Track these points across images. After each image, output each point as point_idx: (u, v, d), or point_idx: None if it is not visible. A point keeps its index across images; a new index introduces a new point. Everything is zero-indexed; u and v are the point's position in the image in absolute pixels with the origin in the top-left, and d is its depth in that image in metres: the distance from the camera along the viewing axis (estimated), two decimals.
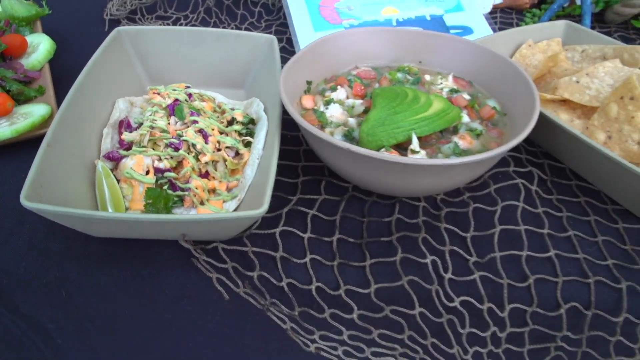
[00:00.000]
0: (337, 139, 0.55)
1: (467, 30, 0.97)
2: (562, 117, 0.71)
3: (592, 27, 1.03)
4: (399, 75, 0.73)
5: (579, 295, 0.57)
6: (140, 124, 0.68)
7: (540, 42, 0.85)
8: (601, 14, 1.06)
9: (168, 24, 1.02)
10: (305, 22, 0.95)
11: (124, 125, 0.69)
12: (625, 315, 0.56)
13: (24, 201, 0.50)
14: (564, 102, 0.72)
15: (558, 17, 1.07)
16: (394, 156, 0.53)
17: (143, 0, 1.04)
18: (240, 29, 1.02)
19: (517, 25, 1.06)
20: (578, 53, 0.84)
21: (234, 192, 0.62)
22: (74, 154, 0.61)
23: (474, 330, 0.55)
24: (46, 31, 0.91)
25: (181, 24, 1.02)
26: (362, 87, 0.70)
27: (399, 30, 0.76)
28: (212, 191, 0.62)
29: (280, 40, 0.98)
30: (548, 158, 0.72)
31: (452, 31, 0.96)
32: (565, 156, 0.71)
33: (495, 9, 1.10)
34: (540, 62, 0.82)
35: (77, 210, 0.51)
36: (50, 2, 0.97)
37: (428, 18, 0.98)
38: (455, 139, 0.62)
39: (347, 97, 0.68)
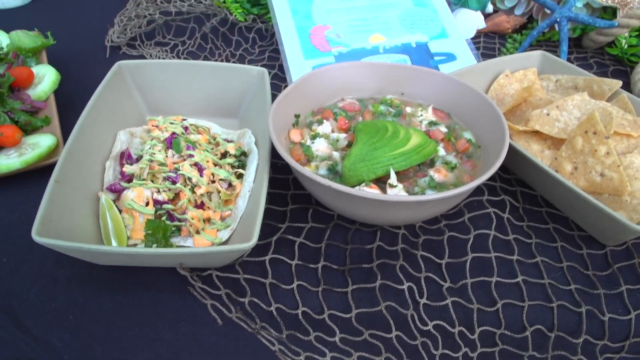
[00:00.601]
0: (321, 176, 0.60)
1: (450, 57, 1.02)
2: (534, 148, 0.76)
3: (570, 52, 1.09)
4: (382, 107, 0.78)
5: (543, 318, 0.62)
6: (141, 156, 0.73)
7: (517, 72, 0.90)
8: (579, 39, 1.12)
9: (166, 50, 1.07)
10: (296, 50, 1.00)
11: (125, 156, 0.74)
12: (584, 336, 0.61)
13: (36, 237, 0.56)
14: (536, 133, 0.77)
15: (538, 42, 1.13)
16: (371, 193, 0.58)
17: (142, 28, 1.09)
18: (234, 55, 1.07)
19: (499, 49, 1.11)
20: (552, 82, 0.89)
21: (227, 222, 0.67)
22: (80, 187, 0.66)
23: (446, 351, 0.61)
24: (50, 60, 0.96)
25: (178, 50, 1.07)
26: (346, 121, 0.75)
27: (382, 65, 0.81)
28: (207, 220, 0.68)
29: (272, 67, 1.04)
30: (521, 185, 0.77)
31: (436, 58, 1.01)
32: (536, 185, 0.76)
33: (479, 34, 1.15)
34: (517, 91, 0.88)
35: (84, 245, 0.56)
36: (54, 31, 1.02)
37: (413, 45, 1.03)
38: (431, 172, 0.67)
39: (332, 131, 0.74)
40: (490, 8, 1.17)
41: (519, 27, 1.15)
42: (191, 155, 0.70)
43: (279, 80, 1.00)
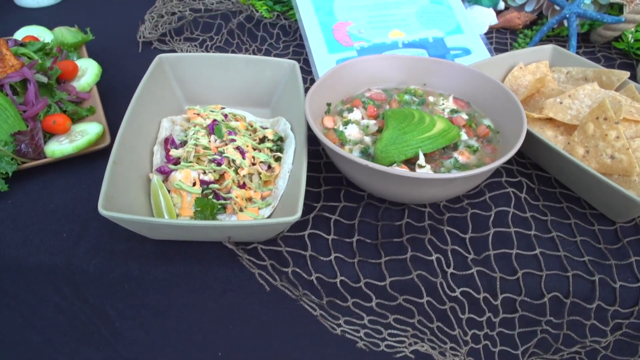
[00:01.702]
0: (357, 156, 0.66)
1: (465, 51, 1.08)
2: (548, 134, 0.82)
3: (578, 47, 1.15)
4: (406, 97, 0.84)
5: (559, 286, 0.68)
6: (184, 142, 0.79)
7: (530, 65, 0.96)
8: (587, 34, 1.17)
9: (195, 45, 1.13)
10: (320, 44, 1.06)
11: (170, 142, 0.80)
12: (597, 302, 0.67)
13: (102, 210, 0.62)
14: (550, 120, 0.83)
15: (548, 37, 1.18)
16: (404, 171, 0.64)
17: (172, 24, 1.15)
18: (260, 50, 1.13)
19: (511, 44, 1.17)
20: (563, 74, 0.95)
21: (268, 201, 0.73)
22: (133, 168, 0.72)
23: (472, 315, 0.67)
24: (90, 55, 1.02)
25: (207, 45, 1.13)
26: (375, 109, 0.81)
27: (406, 58, 0.87)
28: (249, 200, 0.73)
29: (298, 61, 1.09)
30: (536, 169, 0.83)
31: (452, 52, 1.07)
32: (551, 168, 0.82)
33: (491, 29, 1.21)
34: (530, 82, 0.93)
35: (144, 217, 0.62)
36: (92, 31, 1.08)
37: (430, 40, 1.09)
38: (455, 154, 0.73)
39: (362, 118, 0.80)
40: (501, 5, 1.23)
41: (529, 23, 1.21)
42: (233, 140, 0.76)
43: (304, 73, 1.06)
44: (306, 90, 0.97)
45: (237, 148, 0.75)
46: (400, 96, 0.84)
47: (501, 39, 1.19)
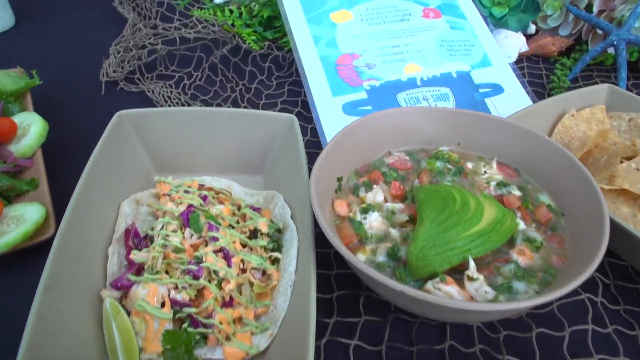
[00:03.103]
0: (380, 265, 0.49)
1: (497, 88, 0.89)
2: (623, 211, 0.63)
3: (627, 78, 0.96)
4: (438, 164, 0.65)
5: None
6: (149, 236, 0.59)
7: (582, 111, 0.77)
8: (636, 63, 0.99)
9: (170, 85, 0.93)
10: (321, 85, 0.87)
11: (132, 235, 0.60)
12: None
13: None
14: (623, 192, 0.65)
15: (587, 66, 1.00)
16: (458, 302, 0.45)
17: (142, 59, 0.95)
18: (249, 89, 0.93)
19: (546, 76, 0.99)
20: (625, 122, 0.77)
21: (264, 323, 0.54)
22: (77, 288, 0.52)
23: None
24: (37, 101, 0.82)
25: (184, 85, 0.94)
26: (400, 186, 0.62)
27: (433, 111, 0.68)
28: (238, 320, 0.54)
29: (294, 104, 0.90)
30: (607, 254, 0.65)
31: (481, 90, 0.89)
32: (626, 254, 0.64)
33: (520, 57, 1.03)
34: (585, 133, 0.75)
35: None
36: (40, 63, 0.88)
37: (454, 75, 0.90)
38: (514, 254, 0.54)
39: (385, 200, 0.61)
40: (532, 28, 1.04)
41: (565, 49, 1.03)
42: (215, 239, 0.56)
43: (304, 120, 0.87)
44: (307, 144, 0.78)
45: (221, 250, 0.56)
46: (430, 163, 0.65)
47: (534, 69, 1.01)
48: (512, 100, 0.88)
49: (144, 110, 0.70)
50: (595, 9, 0.98)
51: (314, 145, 0.82)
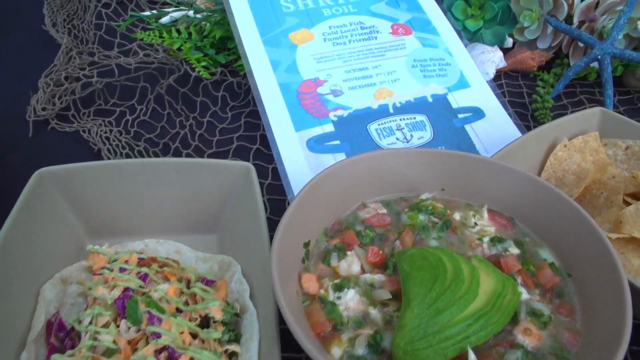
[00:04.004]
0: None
1: (477, 112, 0.81)
2: (635, 264, 0.55)
3: (613, 94, 0.89)
4: (422, 217, 0.56)
5: None
6: (76, 331, 0.48)
7: (575, 139, 0.69)
8: (620, 77, 0.92)
9: (110, 122, 0.81)
10: (282, 118, 0.77)
11: (55, 328, 0.49)
12: None
13: None
14: (633, 240, 0.57)
15: (571, 82, 0.93)
16: None
17: (76, 94, 0.83)
18: (201, 124, 0.82)
19: (528, 94, 0.91)
20: (621, 150, 0.69)
21: None
22: None
23: None
24: None
25: (127, 121, 0.82)
26: (380, 251, 0.52)
27: (412, 152, 0.59)
28: None
29: (252, 140, 0.80)
30: None
31: (460, 115, 0.80)
32: None
33: (498, 73, 0.94)
34: (579, 166, 0.67)
35: None
36: None
37: (430, 99, 0.81)
38: (519, 336, 0.46)
39: (362, 270, 0.51)
40: (509, 42, 0.96)
41: (545, 63, 0.95)
42: (156, 335, 0.45)
43: (264, 159, 0.76)
44: (268, 189, 0.68)
45: (165, 349, 0.45)
46: (412, 218, 0.56)
47: (513, 86, 0.93)
48: (494, 125, 0.80)
49: (70, 166, 0.59)
50: (575, 20, 0.91)
51: (275, 190, 0.72)
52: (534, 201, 0.56)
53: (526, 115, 0.86)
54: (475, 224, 0.56)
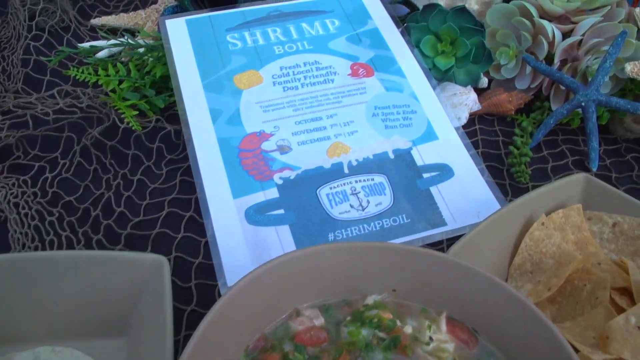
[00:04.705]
0: None
1: (445, 171, 0.71)
2: None
3: (599, 144, 0.80)
4: (364, 332, 0.46)
5: None
6: None
7: (554, 214, 0.60)
8: (606, 125, 0.83)
9: (25, 182, 0.71)
10: (219, 182, 0.66)
11: None
12: None
13: None
14: None
15: (552, 129, 0.83)
16: None
17: None
18: (130, 183, 0.72)
19: (504, 143, 0.81)
20: (608, 227, 0.60)
21: None
22: None
23: None
24: None
25: (46, 179, 0.71)
26: None
27: (359, 248, 0.49)
28: None
29: (186, 205, 0.70)
30: None
31: (425, 175, 0.70)
32: None
33: (472, 116, 0.85)
34: (561, 249, 0.58)
35: None
36: None
37: (391, 156, 0.71)
38: None
39: None
40: (484, 81, 0.87)
41: (523, 106, 0.85)
42: None
43: (197, 231, 0.66)
44: (197, 271, 0.58)
45: None
46: (353, 334, 0.46)
47: (488, 132, 0.83)
48: (464, 186, 0.70)
49: None
50: (556, 60, 0.81)
51: (206, 272, 0.62)
52: (503, 312, 0.46)
53: (501, 171, 0.76)
54: (431, 338, 0.46)
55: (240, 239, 0.62)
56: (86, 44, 0.93)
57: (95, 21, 1.02)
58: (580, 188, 0.62)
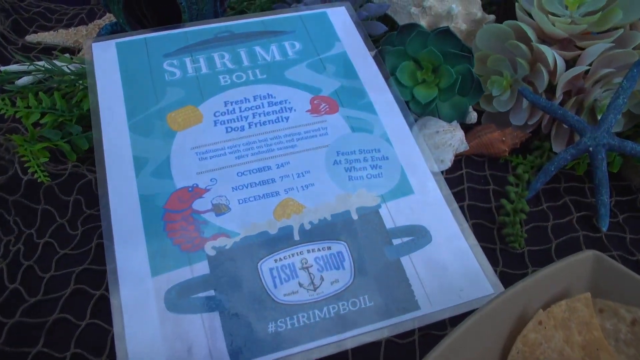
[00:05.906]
0: None
1: (420, 235, 0.58)
2: None
3: (610, 195, 0.66)
4: None
5: None
6: None
7: (556, 306, 0.46)
8: (618, 172, 0.69)
9: None
10: (135, 252, 0.53)
11: None
12: None
13: None
14: None
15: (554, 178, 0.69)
16: None
17: None
18: (36, 245, 0.58)
19: (494, 193, 0.67)
20: (625, 325, 0.46)
21: None
22: None
23: None
24: None
25: None
26: None
27: None
28: None
29: (99, 279, 0.56)
30: None
31: (395, 241, 0.57)
32: None
33: (458, 158, 0.71)
34: (565, 357, 0.44)
35: None
36: None
37: (355, 216, 0.58)
38: None
39: None
40: (473, 116, 0.73)
41: (519, 145, 0.72)
42: None
43: (105, 319, 0.52)
44: None
45: None
46: None
47: (476, 179, 0.69)
48: (443, 254, 0.56)
49: None
50: (559, 92, 0.67)
51: None
52: None
53: (491, 231, 0.63)
54: None
55: (156, 333, 0.49)
56: (13, 67, 0.81)
57: (31, 37, 0.90)
58: (589, 270, 0.48)
